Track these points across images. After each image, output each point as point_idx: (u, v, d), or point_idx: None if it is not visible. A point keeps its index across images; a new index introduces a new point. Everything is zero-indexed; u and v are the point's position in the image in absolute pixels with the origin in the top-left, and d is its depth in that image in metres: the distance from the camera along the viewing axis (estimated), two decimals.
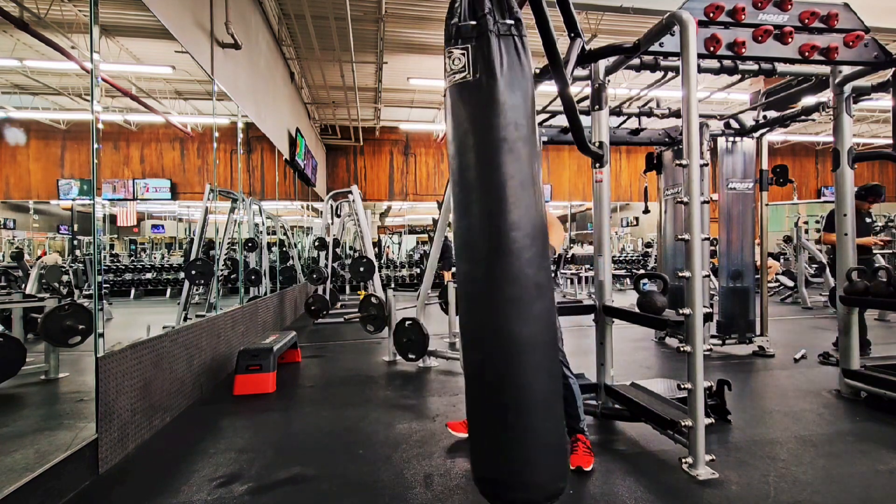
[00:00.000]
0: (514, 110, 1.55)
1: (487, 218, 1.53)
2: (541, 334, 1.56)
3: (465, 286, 1.62)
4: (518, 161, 1.53)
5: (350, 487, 2.15)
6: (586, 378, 3.03)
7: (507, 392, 1.52)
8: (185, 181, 11.00)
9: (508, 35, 1.56)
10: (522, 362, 1.52)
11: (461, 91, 1.57)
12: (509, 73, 1.56)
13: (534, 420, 1.51)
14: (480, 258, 1.54)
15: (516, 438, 1.50)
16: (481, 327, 1.58)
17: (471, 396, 1.64)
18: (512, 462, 1.51)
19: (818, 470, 2.23)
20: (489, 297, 1.53)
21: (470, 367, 1.62)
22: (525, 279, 1.52)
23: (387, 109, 11.60)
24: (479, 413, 1.60)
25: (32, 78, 7.94)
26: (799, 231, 8.40)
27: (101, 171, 3.02)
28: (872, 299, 3.09)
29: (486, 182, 1.53)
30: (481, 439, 1.59)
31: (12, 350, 3.28)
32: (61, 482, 2.05)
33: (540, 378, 1.54)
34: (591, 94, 2.90)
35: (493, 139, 1.53)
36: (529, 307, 1.53)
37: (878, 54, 2.88)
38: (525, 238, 1.52)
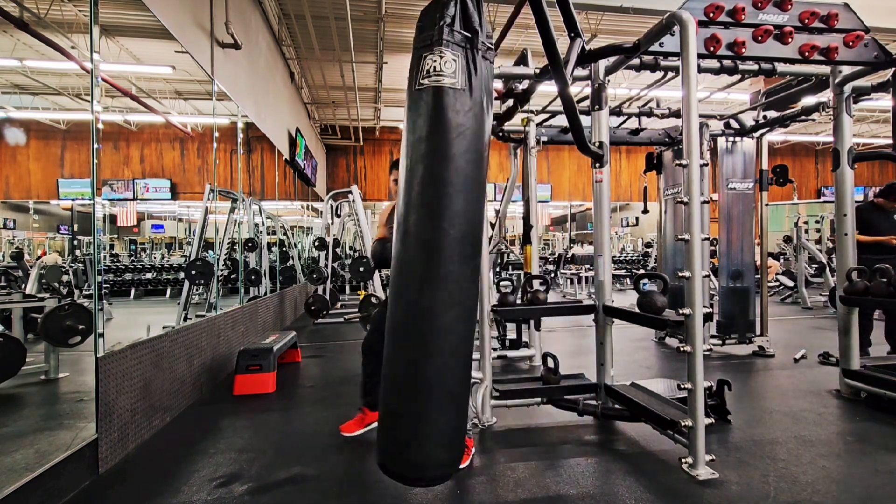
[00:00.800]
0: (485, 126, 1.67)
1: (424, 218, 1.59)
2: (457, 328, 1.60)
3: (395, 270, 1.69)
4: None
5: (350, 487, 2.15)
6: (586, 378, 3.03)
7: (416, 380, 1.57)
8: (185, 181, 11.00)
9: (485, 58, 1.64)
10: (434, 345, 1.56)
11: (448, 95, 1.59)
12: (485, 92, 1.65)
13: (431, 409, 1.56)
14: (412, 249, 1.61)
15: (411, 424, 1.57)
16: (403, 313, 1.63)
17: (386, 381, 1.68)
18: (406, 444, 1.57)
19: (818, 470, 2.23)
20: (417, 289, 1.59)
21: (389, 345, 1.66)
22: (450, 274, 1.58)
23: (387, 109, 11.59)
24: (389, 399, 1.65)
25: (32, 78, 7.95)
26: (799, 231, 8.40)
27: (101, 171, 3.02)
28: (872, 299, 3.09)
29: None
30: (387, 421, 1.64)
31: (12, 350, 3.28)
32: (61, 482, 2.05)
33: (448, 373, 1.59)
34: (591, 94, 2.90)
35: (478, 148, 1.62)
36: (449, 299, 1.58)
37: (878, 54, 2.88)
38: (454, 240, 1.58)
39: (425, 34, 1.60)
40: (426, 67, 1.59)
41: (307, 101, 10.19)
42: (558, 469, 2.29)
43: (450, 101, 1.57)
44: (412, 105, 1.65)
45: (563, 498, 2.02)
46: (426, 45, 1.59)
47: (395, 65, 8.63)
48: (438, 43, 1.57)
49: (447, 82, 1.57)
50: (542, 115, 4.52)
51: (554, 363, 2.89)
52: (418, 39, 1.62)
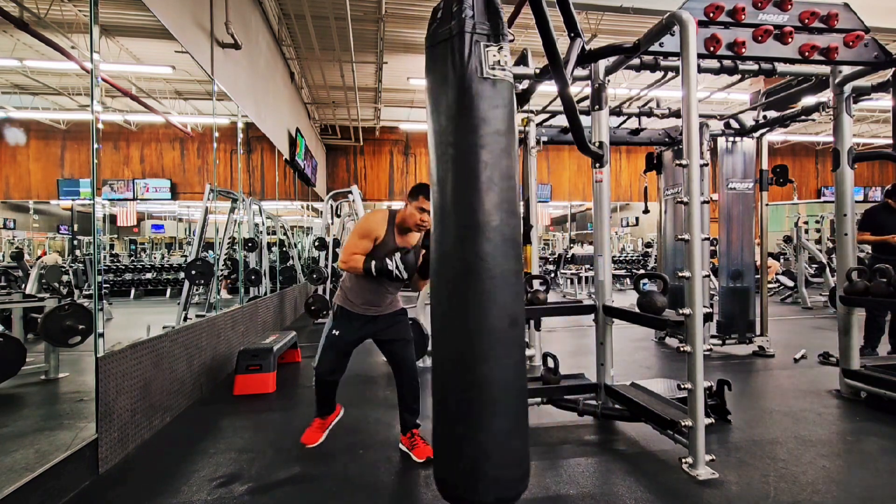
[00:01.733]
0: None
1: (461, 212, 1.56)
2: (511, 331, 1.57)
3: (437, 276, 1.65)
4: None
5: (350, 487, 2.15)
6: (586, 378, 3.03)
7: (474, 390, 1.53)
8: (185, 181, 11.00)
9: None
10: (489, 357, 1.53)
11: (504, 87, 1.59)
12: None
13: (499, 422, 1.52)
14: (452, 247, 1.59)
15: (481, 440, 1.52)
16: (452, 320, 1.59)
17: (439, 393, 1.64)
18: (475, 463, 1.52)
19: (818, 470, 2.23)
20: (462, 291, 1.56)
21: (439, 361, 1.64)
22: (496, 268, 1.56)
23: (387, 109, 11.59)
24: (445, 413, 1.61)
25: (32, 78, 7.94)
26: (799, 231, 8.40)
27: (101, 171, 3.02)
28: (872, 299, 3.09)
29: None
30: (446, 440, 1.60)
31: (12, 350, 3.28)
32: (61, 482, 2.05)
33: (507, 375, 1.55)
34: (591, 94, 2.90)
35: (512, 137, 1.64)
36: (501, 304, 1.56)
37: (878, 54, 2.88)
38: (497, 233, 1.55)
39: (484, 23, 1.57)
40: (491, 58, 1.57)
41: (307, 101, 10.19)
42: (558, 469, 2.29)
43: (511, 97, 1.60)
44: (480, 90, 1.56)
45: (563, 498, 2.02)
46: (487, 35, 1.57)
47: (395, 65, 8.62)
48: (503, 37, 1.58)
49: (510, 78, 1.61)
50: (542, 115, 4.52)
51: (554, 363, 2.89)
52: (467, 24, 1.56)
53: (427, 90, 1.73)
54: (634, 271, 12.08)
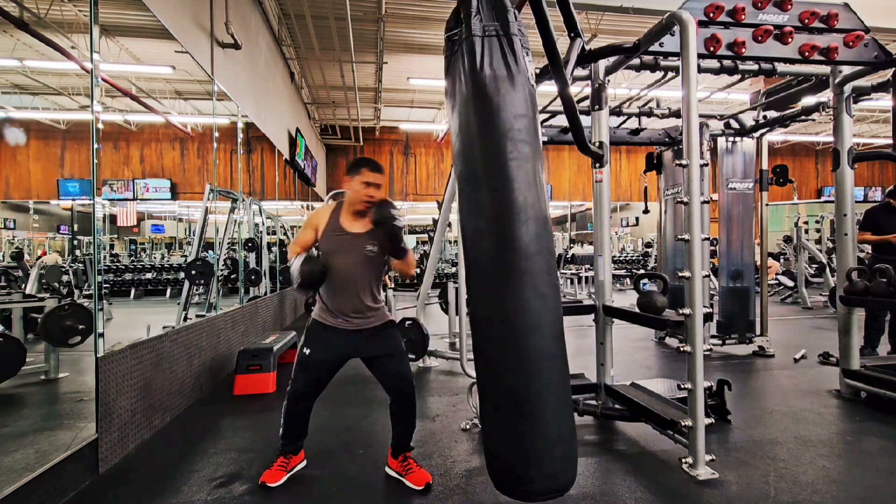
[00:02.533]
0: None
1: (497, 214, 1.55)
2: (553, 323, 1.56)
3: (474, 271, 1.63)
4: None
5: (350, 487, 2.15)
6: (586, 378, 3.03)
7: (522, 384, 1.52)
8: (185, 181, 11.01)
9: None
10: (534, 351, 1.52)
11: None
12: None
13: (548, 413, 1.51)
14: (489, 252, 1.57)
15: (531, 431, 1.51)
16: (494, 316, 1.58)
17: (488, 389, 1.62)
18: (527, 455, 1.51)
19: (818, 470, 2.23)
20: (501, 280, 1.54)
21: (483, 357, 1.61)
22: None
23: (387, 109, 11.59)
24: (495, 406, 1.60)
25: (32, 78, 7.95)
26: (799, 231, 8.40)
27: (101, 171, 3.01)
28: (872, 299, 3.09)
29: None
30: (497, 432, 1.59)
31: (12, 350, 3.28)
32: (61, 482, 2.05)
33: (554, 368, 1.54)
34: (591, 94, 2.90)
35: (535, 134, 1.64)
36: (543, 295, 1.54)
37: (878, 54, 2.88)
38: (531, 229, 1.53)
39: (492, 23, 1.61)
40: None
41: (307, 101, 10.19)
42: None
43: None
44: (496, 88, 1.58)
45: (563, 498, 2.02)
46: (497, 35, 1.60)
47: (395, 65, 8.63)
48: (514, 35, 1.63)
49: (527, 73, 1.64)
50: (542, 115, 4.51)
51: None
52: (476, 27, 1.60)
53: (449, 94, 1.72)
54: (634, 271, 12.08)
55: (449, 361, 4.32)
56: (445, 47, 1.67)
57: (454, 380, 3.84)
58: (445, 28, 1.67)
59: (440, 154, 13.81)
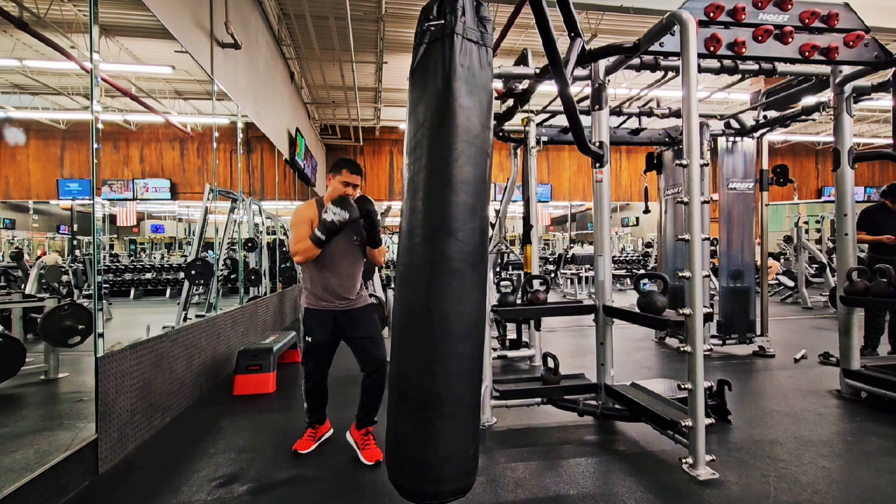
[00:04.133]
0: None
1: (429, 212, 1.56)
2: (468, 323, 1.56)
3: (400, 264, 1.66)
4: None
5: (350, 487, 2.15)
6: (586, 378, 3.03)
7: (426, 384, 1.53)
8: (184, 181, 11.00)
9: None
10: (445, 354, 1.53)
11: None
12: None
13: (450, 415, 1.53)
14: (417, 237, 1.59)
15: (432, 434, 1.52)
16: (409, 312, 1.59)
17: (394, 390, 1.63)
18: (426, 457, 1.53)
19: (818, 470, 2.23)
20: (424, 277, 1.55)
21: (394, 356, 1.63)
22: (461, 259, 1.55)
23: (387, 109, 11.58)
24: (397, 409, 1.61)
25: (32, 78, 7.94)
26: (799, 231, 8.40)
27: (100, 171, 3.01)
28: (873, 299, 3.08)
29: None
30: (398, 436, 1.60)
31: (12, 350, 3.28)
32: (61, 482, 2.05)
33: (460, 372, 1.55)
34: (591, 94, 2.90)
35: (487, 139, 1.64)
36: (461, 295, 1.54)
37: (879, 54, 2.88)
38: (463, 227, 1.54)
39: (474, 28, 1.61)
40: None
41: (307, 101, 10.19)
42: (558, 469, 2.28)
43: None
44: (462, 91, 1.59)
45: (563, 498, 2.02)
46: (475, 41, 1.60)
47: (395, 65, 8.62)
48: (489, 43, 1.62)
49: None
50: (542, 115, 4.51)
51: (554, 363, 2.89)
52: (458, 26, 1.58)
53: (413, 88, 1.70)
54: (634, 271, 12.08)
55: None
56: (421, 35, 1.62)
57: None
58: (422, 15, 1.63)
59: None
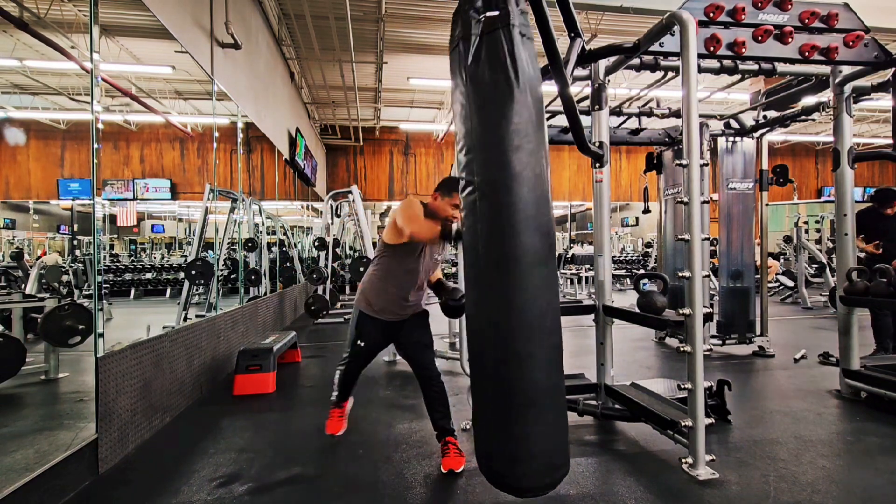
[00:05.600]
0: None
1: (494, 207, 1.53)
2: (546, 319, 1.55)
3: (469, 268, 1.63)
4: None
5: (350, 487, 2.15)
6: (586, 378, 3.03)
7: (514, 381, 1.52)
8: (185, 181, 11.00)
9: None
10: (527, 350, 1.52)
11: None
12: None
13: (539, 408, 1.52)
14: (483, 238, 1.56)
15: (522, 428, 1.51)
16: (487, 312, 1.57)
17: (477, 384, 1.63)
18: (518, 451, 1.52)
19: (818, 470, 2.23)
20: (495, 280, 1.54)
21: (474, 354, 1.62)
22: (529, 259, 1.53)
23: (387, 109, 11.59)
24: (485, 402, 1.60)
25: (32, 78, 7.94)
26: (799, 231, 8.40)
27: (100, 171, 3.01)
28: (872, 299, 3.08)
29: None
30: (489, 427, 1.59)
31: (12, 350, 3.28)
32: (61, 482, 2.05)
33: (544, 365, 1.54)
34: (591, 94, 2.90)
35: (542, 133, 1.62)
36: (534, 289, 1.53)
37: (879, 54, 2.88)
38: (529, 223, 1.53)
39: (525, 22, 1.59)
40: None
41: (307, 101, 10.19)
42: None
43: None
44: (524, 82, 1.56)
45: (563, 498, 2.02)
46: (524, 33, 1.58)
47: (395, 65, 8.62)
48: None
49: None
50: None
51: None
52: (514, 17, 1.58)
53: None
54: (634, 271, 12.08)
55: (449, 361, 4.32)
56: (465, 26, 1.61)
57: (454, 380, 3.84)
58: (463, 3, 1.63)
59: (440, 154, 13.80)
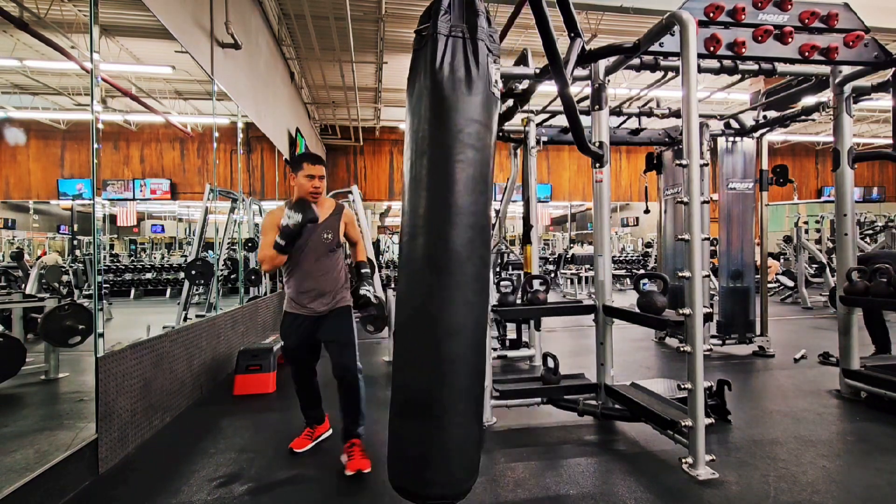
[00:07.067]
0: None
1: (432, 210, 1.55)
2: (475, 330, 1.55)
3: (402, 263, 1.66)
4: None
5: (350, 487, 2.15)
6: (586, 378, 3.03)
7: (430, 388, 1.52)
8: (185, 181, 11.00)
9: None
10: (448, 356, 1.51)
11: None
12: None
13: (453, 419, 1.51)
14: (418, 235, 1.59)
15: (431, 435, 1.51)
16: (412, 315, 1.58)
17: (396, 392, 1.63)
18: (429, 460, 1.51)
19: (818, 470, 2.23)
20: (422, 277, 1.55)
21: (399, 356, 1.62)
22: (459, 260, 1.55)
23: (387, 109, 11.58)
24: (398, 411, 1.60)
25: (32, 78, 7.94)
26: (799, 231, 8.40)
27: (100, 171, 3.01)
28: (872, 299, 3.08)
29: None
30: (400, 432, 1.59)
31: (12, 350, 3.28)
32: (61, 482, 2.05)
33: (467, 375, 1.53)
34: (591, 94, 2.90)
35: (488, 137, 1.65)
36: (461, 294, 1.54)
37: (878, 54, 2.88)
38: (466, 230, 1.54)
39: (459, 25, 1.60)
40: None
41: (307, 101, 10.18)
42: (558, 469, 2.28)
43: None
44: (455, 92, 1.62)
45: (563, 498, 2.02)
46: (463, 38, 1.59)
47: (395, 65, 8.62)
48: (481, 39, 1.59)
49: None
50: (542, 115, 4.51)
51: (554, 363, 2.89)
52: (442, 27, 1.60)
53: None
54: (634, 271, 12.08)
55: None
56: (414, 41, 1.66)
57: None
58: (418, 23, 1.66)
59: None
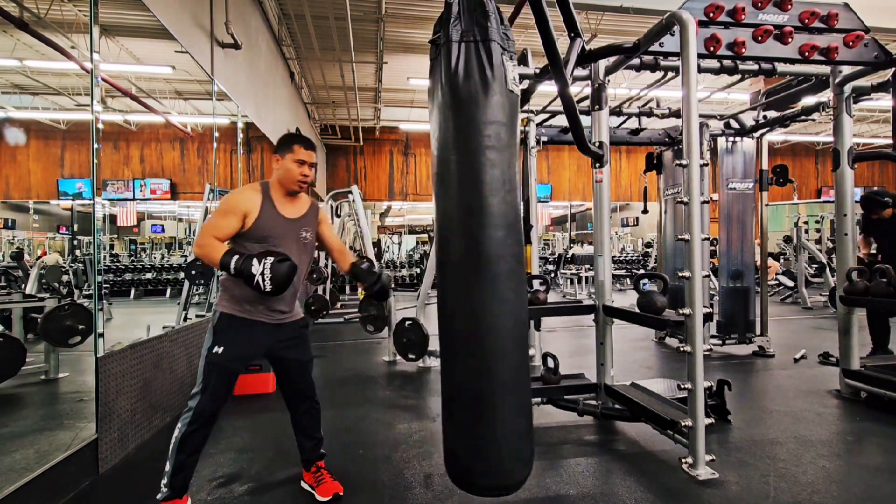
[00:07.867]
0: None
1: (464, 214, 1.56)
2: (513, 327, 1.58)
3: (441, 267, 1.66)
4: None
5: (350, 487, 2.15)
6: (586, 378, 3.03)
7: (481, 381, 1.55)
8: (185, 181, 11.01)
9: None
10: (490, 352, 1.55)
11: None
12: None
13: (499, 413, 1.54)
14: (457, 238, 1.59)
15: (487, 429, 1.54)
16: (453, 315, 1.61)
17: (447, 388, 1.66)
18: (485, 452, 1.55)
19: (818, 470, 2.23)
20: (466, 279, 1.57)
21: (445, 355, 1.63)
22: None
23: (387, 109, 11.59)
24: (453, 406, 1.62)
25: (32, 78, 7.94)
26: (799, 231, 8.40)
27: (101, 171, 3.02)
28: (872, 299, 3.08)
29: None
30: (456, 431, 1.61)
31: (12, 350, 3.29)
32: (61, 482, 2.05)
33: (508, 367, 1.57)
34: (591, 94, 2.90)
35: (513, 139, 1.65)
36: (503, 292, 1.56)
37: (878, 54, 2.88)
38: (499, 234, 1.55)
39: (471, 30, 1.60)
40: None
41: (307, 101, 10.19)
42: (558, 469, 2.29)
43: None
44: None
45: (563, 498, 2.02)
46: (476, 42, 1.58)
47: (395, 65, 8.63)
48: (492, 42, 1.58)
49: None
50: (542, 115, 4.51)
51: (554, 363, 2.89)
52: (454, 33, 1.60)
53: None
54: (634, 271, 12.08)
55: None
56: (430, 50, 1.69)
57: None
58: (432, 32, 1.69)
59: None
